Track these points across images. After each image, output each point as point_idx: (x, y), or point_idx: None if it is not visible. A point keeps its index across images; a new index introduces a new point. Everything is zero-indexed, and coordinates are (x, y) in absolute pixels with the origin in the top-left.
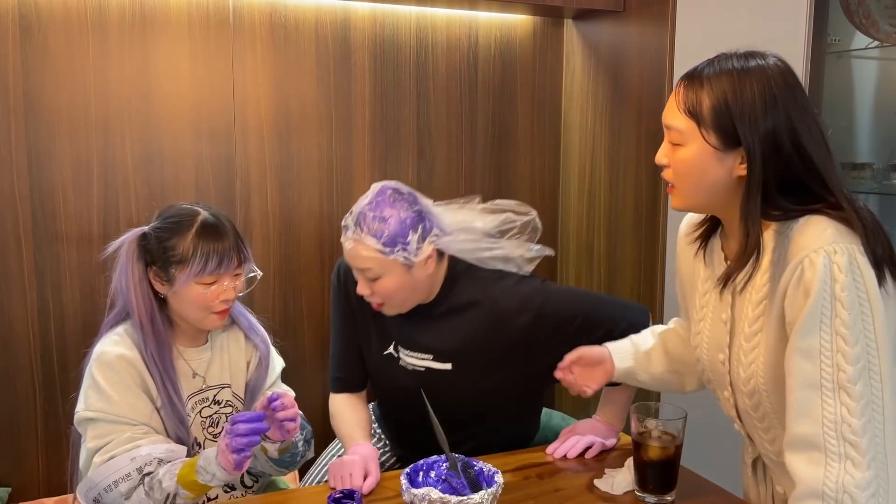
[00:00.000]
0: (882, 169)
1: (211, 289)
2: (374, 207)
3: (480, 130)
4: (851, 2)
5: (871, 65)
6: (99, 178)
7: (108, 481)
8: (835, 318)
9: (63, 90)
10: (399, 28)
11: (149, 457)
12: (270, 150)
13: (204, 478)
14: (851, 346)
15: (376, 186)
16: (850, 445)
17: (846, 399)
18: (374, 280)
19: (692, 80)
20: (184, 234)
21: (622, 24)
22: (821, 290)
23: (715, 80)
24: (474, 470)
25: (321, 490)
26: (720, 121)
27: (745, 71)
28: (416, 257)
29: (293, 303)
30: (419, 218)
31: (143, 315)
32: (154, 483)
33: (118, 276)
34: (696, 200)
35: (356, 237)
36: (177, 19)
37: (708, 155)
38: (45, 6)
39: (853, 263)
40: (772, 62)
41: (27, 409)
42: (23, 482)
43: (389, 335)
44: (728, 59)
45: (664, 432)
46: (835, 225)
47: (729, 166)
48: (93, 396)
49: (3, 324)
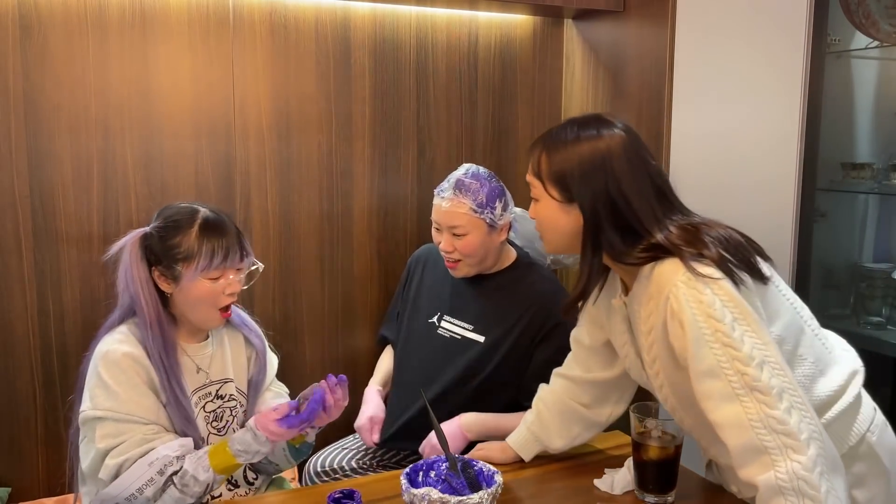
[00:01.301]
0: (882, 169)
1: (218, 283)
2: (471, 177)
3: (480, 130)
4: (851, 2)
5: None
6: (99, 177)
7: (130, 490)
8: (715, 332)
9: (63, 90)
10: (399, 28)
11: (167, 458)
12: (270, 150)
13: (244, 458)
14: (740, 349)
15: (466, 164)
16: (783, 435)
17: (760, 396)
18: (460, 237)
19: (535, 147)
20: (187, 232)
21: (622, 24)
22: (691, 317)
23: (553, 147)
24: (474, 470)
25: (321, 490)
26: (557, 180)
27: (578, 139)
28: (500, 221)
29: (293, 302)
30: (503, 191)
31: (152, 314)
32: (188, 479)
33: (123, 277)
34: (560, 247)
35: (454, 197)
36: (177, 19)
37: (555, 208)
38: (45, 6)
39: (708, 281)
40: (612, 131)
41: (27, 409)
42: (23, 482)
43: (439, 305)
44: (568, 128)
45: (664, 432)
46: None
47: (575, 216)
48: (100, 395)
49: (3, 324)
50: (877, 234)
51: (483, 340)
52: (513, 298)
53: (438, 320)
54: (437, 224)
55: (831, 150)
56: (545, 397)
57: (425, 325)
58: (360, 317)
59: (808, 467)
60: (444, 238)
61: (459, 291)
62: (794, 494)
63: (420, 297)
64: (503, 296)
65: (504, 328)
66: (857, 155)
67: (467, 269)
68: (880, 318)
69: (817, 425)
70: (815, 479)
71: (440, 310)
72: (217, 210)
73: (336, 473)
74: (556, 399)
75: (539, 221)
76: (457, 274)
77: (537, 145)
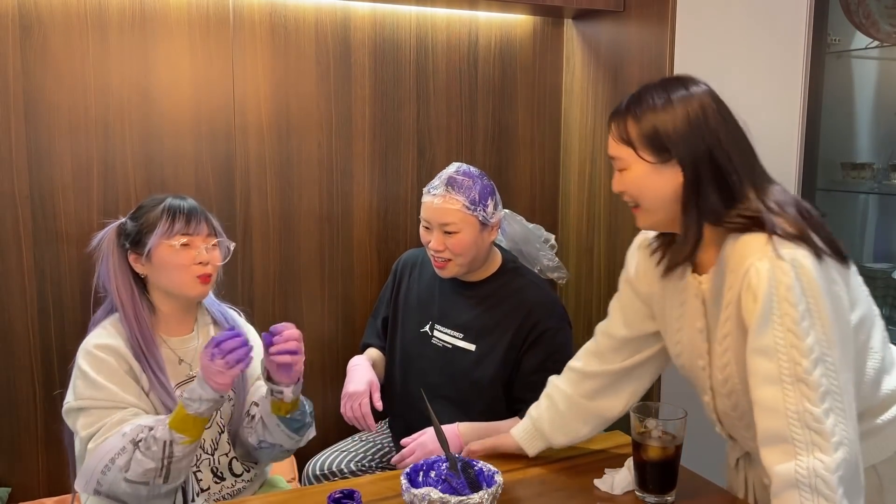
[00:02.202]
0: (882, 169)
1: (186, 251)
2: (462, 175)
3: (480, 130)
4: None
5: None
6: (99, 177)
7: (103, 462)
8: (784, 316)
9: (63, 90)
10: (399, 28)
11: (139, 427)
12: (270, 150)
13: (193, 407)
14: (803, 340)
15: (455, 164)
16: (815, 433)
17: (805, 390)
18: (452, 234)
19: (618, 116)
20: (154, 208)
21: (622, 24)
22: (768, 293)
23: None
24: (474, 470)
25: (321, 490)
26: (651, 141)
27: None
28: (492, 219)
29: (293, 302)
30: (494, 190)
31: (125, 297)
32: (149, 440)
33: (101, 265)
34: (657, 215)
35: (446, 194)
36: (177, 19)
37: (649, 171)
38: (45, 6)
39: (795, 264)
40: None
41: (27, 409)
42: (23, 482)
43: (430, 314)
44: (654, 92)
45: (664, 432)
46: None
47: (669, 176)
48: (80, 386)
49: (3, 323)
50: (877, 234)
51: (474, 349)
52: (501, 307)
53: (431, 329)
54: (428, 222)
55: (831, 150)
56: (552, 392)
57: (418, 334)
58: (359, 317)
59: (831, 469)
60: (434, 236)
61: (447, 299)
62: (810, 491)
63: (409, 305)
64: (491, 304)
65: (494, 336)
66: (857, 155)
67: (457, 269)
68: None
69: (852, 436)
70: (834, 481)
71: (431, 318)
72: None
73: (336, 476)
74: (563, 395)
75: (631, 190)
76: (445, 274)
77: (621, 114)
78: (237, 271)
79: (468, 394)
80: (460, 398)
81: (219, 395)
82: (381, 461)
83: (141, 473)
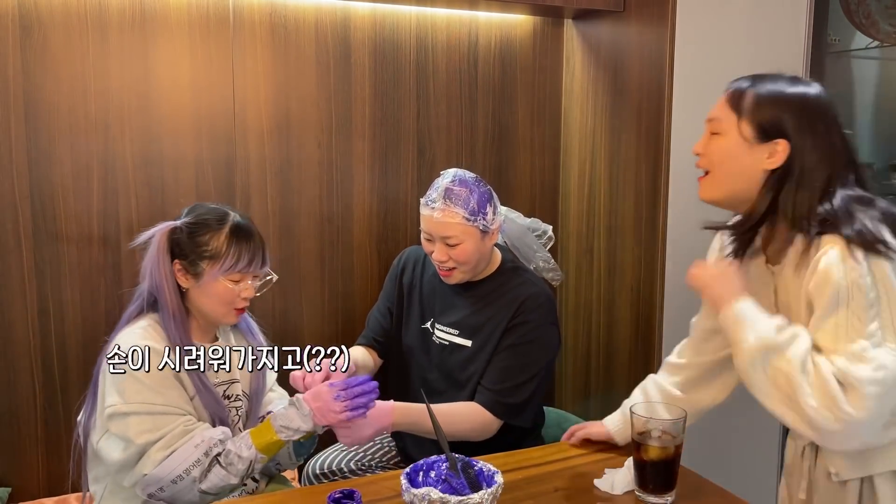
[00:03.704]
0: (882, 169)
1: (238, 286)
2: (459, 184)
3: (480, 130)
4: (851, 2)
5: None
6: (99, 178)
7: (176, 472)
8: (852, 300)
9: (63, 90)
10: (399, 28)
11: (212, 440)
12: (270, 151)
13: (286, 434)
14: (866, 325)
15: (450, 171)
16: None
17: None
18: (454, 246)
19: (740, 83)
20: (217, 232)
21: (622, 24)
22: (839, 275)
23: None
24: (474, 470)
25: (321, 490)
26: (762, 118)
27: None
28: (492, 226)
29: (293, 303)
30: (491, 194)
31: (174, 305)
32: (232, 458)
33: (150, 267)
34: (724, 189)
35: (445, 207)
36: (177, 19)
37: (740, 145)
38: (45, 6)
39: (868, 256)
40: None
41: (27, 409)
42: (23, 482)
43: (430, 311)
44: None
45: (664, 432)
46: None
47: (758, 157)
48: (130, 389)
49: (3, 324)
50: None
51: (470, 345)
52: (496, 303)
53: (432, 326)
54: (429, 235)
55: None
56: (647, 384)
57: (419, 330)
58: (359, 317)
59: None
60: (437, 248)
61: (447, 298)
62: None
63: (412, 300)
64: (488, 302)
65: (487, 332)
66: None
67: (462, 276)
68: None
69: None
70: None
71: (431, 316)
72: (246, 216)
73: (335, 475)
74: (657, 385)
75: (714, 156)
76: (451, 281)
77: (743, 83)
78: None
79: (465, 390)
80: (457, 395)
81: (317, 428)
82: (381, 461)
83: (219, 487)
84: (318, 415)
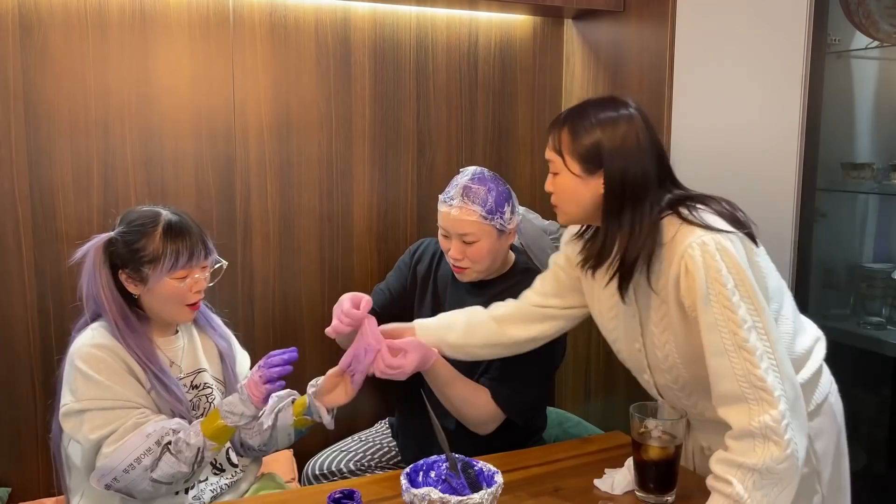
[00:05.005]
0: (882, 169)
1: (185, 282)
2: (477, 182)
3: (480, 130)
4: (851, 2)
5: (871, 65)
6: (99, 178)
7: (126, 462)
8: (717, 294)
9: (63, 90)
10: (399, 28)
11: (163, 429)
12: (270, 150)
13: (231, 419)
14: (736, 312)
15: (469, 168)
16: (761, 390)
17: (745, 355)
18: (471, 244)
19: (556, 126)
20: (151, 235)
21: (622, 24)
22: (702, 276)
23: (574, 126)
24: (474, 470)
25: (321, 490)
26: (579, 156)
27: (599, 119)
28: (510, 225)
29: (293, 302)
30: (510, 194)
31: (116, 315)
32: (181, 445)
33: (86, 281)
34: (577, 217)
35: (463, 205)
36: (177, 19)
37: (574, 181)
38: (45, 6)
39: (719, 247)
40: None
41: (27, 409)
42: (23, 482)
43: (441, 307)
44: (589, 109)
45: (664, 432)
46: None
47: (593, 188)
48: (82, 387)
49: (3, 324)
50: (877, 234)
51: None
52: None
53: None
54: (446, 231)
55: (831, 150)
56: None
57: None
58: None
59: (778, 419)
60: (453, 245)
61: (457, 294)
62: (762, 439)
63: (425, 294)
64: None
65: None
66: (857, 155)
67: (475, 275)
68: (880, 319)
69: (790, 387)
70: (781, 429)
71: (441, 311)
72: (179, 212)
73: (335, 476)
74: (478, 311)
75: (557, 194)
76: (464, 278)
77: (558, 124)
78: (237, 271)
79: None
80: None
81: (259, 410)
82: (381, 461)
83: (170, 475)
84: (249, 392)
